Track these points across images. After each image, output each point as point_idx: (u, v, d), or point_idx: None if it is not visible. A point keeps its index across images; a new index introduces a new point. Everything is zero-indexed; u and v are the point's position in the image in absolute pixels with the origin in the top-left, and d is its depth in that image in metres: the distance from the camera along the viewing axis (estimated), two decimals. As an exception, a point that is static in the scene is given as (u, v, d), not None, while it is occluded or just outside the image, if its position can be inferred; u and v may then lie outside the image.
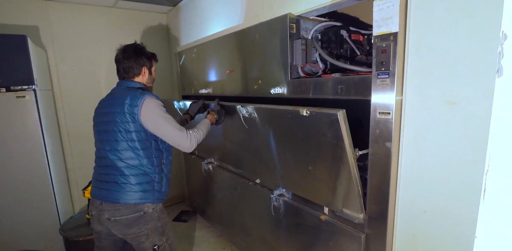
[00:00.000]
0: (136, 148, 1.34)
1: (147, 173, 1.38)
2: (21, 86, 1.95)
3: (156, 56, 1.59)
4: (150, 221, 1.39)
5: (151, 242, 1.40)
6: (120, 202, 1.33)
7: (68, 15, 2.61)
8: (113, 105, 1.36)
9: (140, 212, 1.36)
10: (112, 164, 1.36)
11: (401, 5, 1.02)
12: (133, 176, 1.35)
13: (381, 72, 1.09)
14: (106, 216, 1.35)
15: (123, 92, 1.38)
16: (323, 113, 1.12)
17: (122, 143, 1.34)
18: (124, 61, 1.45)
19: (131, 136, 1.33)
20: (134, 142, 1.34)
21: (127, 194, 1.34)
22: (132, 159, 1.35)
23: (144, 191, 1.37)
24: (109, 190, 1.35)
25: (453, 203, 0.97)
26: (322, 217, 1.41)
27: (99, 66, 2.82)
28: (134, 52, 1.46)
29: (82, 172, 2.76)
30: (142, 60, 1.47)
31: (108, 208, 1.35)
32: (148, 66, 1.50)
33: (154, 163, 1.40)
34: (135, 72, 1.47)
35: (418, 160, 1.06)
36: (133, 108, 1.30)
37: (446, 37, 0.93)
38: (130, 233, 1.37)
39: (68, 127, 2.72)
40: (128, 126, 1.32)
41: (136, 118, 1.30)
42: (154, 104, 1.33)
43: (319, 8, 1.41)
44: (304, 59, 1.53)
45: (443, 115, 0.96)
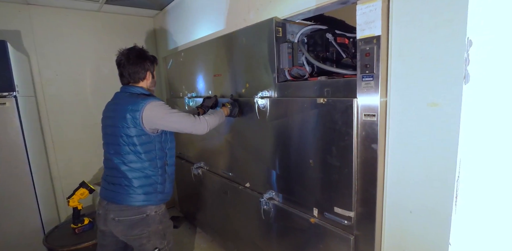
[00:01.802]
0: (138, 152, 1.36)
1: (150, 176, 1.40)
2: (0, 92, 1.89)
3: (157, 58, 1.58)
4: (152, 224, 1.41)
5: (152, 245, 1.42)
6: (124, 203, 1.37)
7: (52, 19, 2.55)
8: (116, 110, 1.39)
9: (143, 214, 1.39)
10: (116, 167, 1.39)
11: (383, 9, 1.04)
12: (135, 179, 1.37)
13: (365, 75, 1.10)
14: (112, 216, 1.38)
15: (126, 98, 1.40)
16: (339, 100, 1.19)
17: (124, 147, 1.36)
18: (128, 66, 1.43)
19: (132, 140, 1.35)
20: (135, 146, 1.36)
21: (131, 196, 1.37)
22: (134, 163, 1.37)
23: (147, 193, 1.39)
24: (114, 191, 1.39)
25: (437, 204, 0.99)
26: (311, 219, 1.41)
27: (84, 71, 2.77)
28: (138, 56, 1.45)
29: (68, 180, 2.69)
30: (146, 65, 1.46)
31: (114, 208, 1.38)
32: (151, 70, 1.51)
33: (157, 165, 1.42)
34: (141, 77, 1.46)
35: (404, 161, 1.07)
36: (134, 113, 1.32)
37: (426, 41, 0.95)
38: (132, 235, 1.39)
39: (52, 134, 2.64)
40: (129, 131, 1.34)
41: (138, 122, 1.32)
42: (156, 106, 1.35)
43: (305, 11, 1.43)
44: (291, 63, 1.54)
45: (426, 116, 0.98)
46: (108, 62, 2.87)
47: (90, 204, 2.73)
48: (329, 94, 1.29)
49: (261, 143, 1.68)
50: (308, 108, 1.33)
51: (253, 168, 1.79)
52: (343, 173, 1.22)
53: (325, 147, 1.28)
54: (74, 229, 2.00)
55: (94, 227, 2.07)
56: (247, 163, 1.84)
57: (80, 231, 2.01)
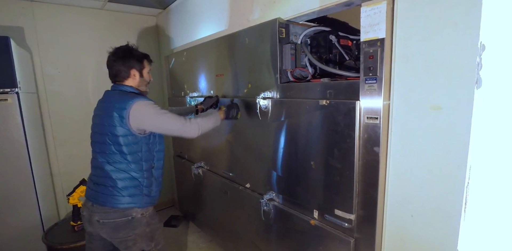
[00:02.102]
0: (123, 152, 1.32)
1: (135, 178, 1.35)
2: (3, 88, 1.89)
3: (149, 57, 1.52)
4: (138, 227, 1.37)
5: (139, 248, 1.39)
6: (108, 205, 1.32)
7: (55, 16, 2.55)
8: (103, 108, 1.36)
9: (128, 217, 1.34)
10: (101, 166, 1.35)
11: (388, 11, 1.04)
12: (119, 180, 1.33)
13: (368, 77, 1.10)
14: (96, 218, 1.34)
15: (114, 95, 1.37)
16: (342, 102, 1.19)
17: (110, 146, 1.32)
18: (113, 64, 1.42)
19: (117, 140, 1.30)
20: (121, 146, 1.31)
21: (115, 198, 1.32)
22: (119, 163, 1.33)
23: (132, 195, 1.35)
24: (98, 192, 1.35)
25: (440, 208, 0.98)
26: (311, 221, 1.41)
27: (87, 69, 2.77)
28: (122, 54, 1.42)
29: (68, 177, 2.69)
30: (130, 63, 1.42)
31: (98, 210, 1.34)
32: (138, 68, 1.44)
33: (142, 168, 1.37)
34: (124, 76, 1.43)
35: (406, 164, 1.07)
36: (121, 111, 1.28)
37: (431, 44, 0.95)
38: (117, 237, 1.36)
39: (53, 131, 2.64)
40: (114, 130, 1.29)
41: (125, 122, 1.28)
42: (145, 105, 1.30)
43: (308, 13, 1.42)
44: (294, 64, 1.54)
45: (430, 120, 0.98)
46: (110, 60, 2.87)
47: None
48: (332, 96, 1.28)
49: (262, 144, 1.68)
50: (310, 109, 1.33)
51: (254, 168, 1.79)
52: (345, 175, 1.21)
53: (327, 149, 1.28)
54: (74, 226, 2.00)
55: (94, 225, 2.07)
56: (248, 163, 1.84)
57: (80, 228, 2.01)
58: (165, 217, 3.06)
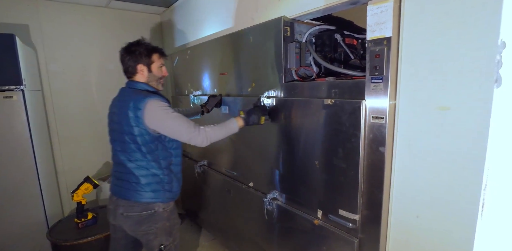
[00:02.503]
0: (142, 151, 1.35)
1: (156, 175, 1.39)
2: (8, 86, 1.90)
3: (161, 50, 1.47)
4: (159, 220, 1.41)
5: (159, 241, 1.43)
6: (132, 199, 1.37)
7: (59, 14, 2.56)
8: (120, 107, 1.36)
9: (151, 210, 1.38)
10: (123, 163, 1.38)
11: (395, 10, 1.02)
12: (142, 177, 1.37)
13: (374, 77, 1.09)
14: (121, 211, 1.39)
15: (128, 94, 1.37)
16: (347, 101, 1.17)
17: (130, 145, 1.34)
18: (123, 60, 1.42)
19: (135, 139, 1.33)
20: (139, 146, 1.34)
21: (139, 193, 1.37)
22: (140, 161, 1.36)
23: (154, 191, 1.39)
24: (123, 187, 1.39)
25: (446, 209, 0.97)
26: (315, 221, 1.40)
27: (91, 66, 2.78)
28: (130, 49, 1.40)
29: (73, 174, 2.71)
30: (137, 58, 1.39)
31: (123, 203, 1.39)
32: (145, 63, 1.40)
33: (161, 165, 1.40)
34: (132, 71, 1.41)
35: (412, 165, 1.05)
36: (136, 112, 1.28)
37: (439, 43, 0.93)
38: (140, 230, 1.40)
39: (58, 129, 2.66)
40: (132, 130, 1.31)
41: (141, 121, 1.29)
42: (157, 106, 1.29)
43: (313, 11, 1.41)
44: (298, 63, 1.53)
45: (437, 120, 0.96)
46: (114, 58, 2.85)
47: (93, 199, 2.75)
48: (337, 95, 1.27)
49: (266, 143, 1.67)
50: (315, 108, 1.32)
51: (257, 167, 1.79)
52: (349, 175, 1.21)
53: (331, 148, 1.27)
54: (78, 223, 2.02)
55: (98, 222, 2.08)
56: (251, 162, 1.84)
57: (84, 225, 2.02)
58: (168, 215, 3.06)
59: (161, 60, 1.47)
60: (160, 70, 1.46)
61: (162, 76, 1.48)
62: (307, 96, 1.41)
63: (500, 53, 0.37)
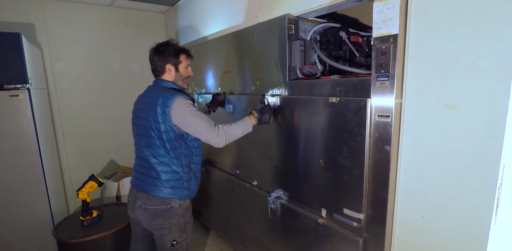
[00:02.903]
0: (166, 147, 1.38)
1: (176, 172, 1.42)
2: (14, 84, 1.92)
3: (188, 51, 1.53)
4: (174, 216, 1.44)
5: (172, 237, 1.46)
6: (151, 193, 1.41)
7: (65, 13, 2.58)
8: (148, 103, 1.40)
9: (167, 205, 1.42)
10: (146, 158, 1.42)
11: (401, 6, 1.01)
12: (163, 173, 1.40)
13: (380, 75, 1.08)
14: (139, 203, 1.43)
15: (156, 92, 1.41)
16: (353, 100, 1.16)
17: (155, 141, 1.39)
18: (152, 60, 1.48)
19: (161, 135, 1.37)
20: (164, 142, 1.38)
21: (158, 188, 1.41)
22: (163, 157, 1.40)
23: (173, 187, 1.42)
24: (143, 181, 1.44)
25: (452, 209, 0.96)
26: (319, 220, 1.39)
27: (95, 65, 2.80)
28: (159, 49, 1.46)
29: (78, 172, 2.73)
30: (165, 57, 1.45)
31: (142, 196, 1.43)
32: (173, 63, 1.46)
33: (183, 163, 1.43)
34: (160, 70, 1.47)
35: (418, 164, 1.04)
36: (164, 109, 1.33)
37: (446, 40, 0.92)
38: (155, 224, 1.44)
39: (63, 127, 2.68)
40: (159, 126, 1.35)
41: (168, 118, 1.33)
42: (183, 104, 1.34)
43: (318, 9, 1.40)
44: (303, 61, 1.52)
45: (443, 119, 0.95)
46: (118, 57, 2.89)
47: (98, 197, 2.77)
48: (342, 94, 1.26)
49: (270, 141, 1.67)
50: (320, 107, 1.31)
51: (261, 166, 1.78)
52: (354, 174, 1.20)
53: (336, 147, 1.26)
54: (83, 221, 2.03)
55: (102, 220, 2.09)
56: (255, 161, 1.84)
57: (89, 223, 2.04)
58: (172, 213, 3.08)
59: (188, 61, 1.53)
60: (186, 70, 1.52)
61: (188, 76, 1.54)
62: (311, 95, 1.40)
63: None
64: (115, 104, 2.94)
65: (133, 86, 3.00)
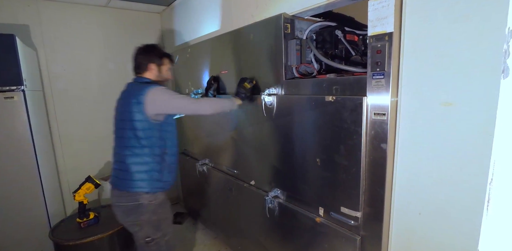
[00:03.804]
0: (138, 136, 1.41)
1: (147, 162, 1.43)
2: (9, 86, 1.90)
3: (171, 57, 1.64)
4: (145, 213, 1.45)
5: (144, 234, 1.47)
6: (120, 189, 1.44)
7: (60, 14, 2.56)
8: (124, 96, 1.48)
9: (136, 202, 1.43)
10: (119, 151, 1.46)
11: (396, 5, 1.01)
12: (132, 164, 1.42)
13: (376, 73, 1.08)
14: (114, 201, 1.47)
15: (134, 85, 1.49)
16: (349, 98, 1.17)
17: (127, 131, 1.42)
18: (135, 57, 1.55)
19: (135, 125, 1.40)
20: (136, 131, 1.40)
21: (127, 182, 1.42)
22: (134, 148, 1.42)
23: (142, 180, 1.43)
24: (117, 177, 1.47)
25: (449, 206, 0.96)
26: (317, 219, 1.39)
27: (92, 66, 2.78)
28: (145, 49, 1.55)
29: (74, 174, 2.71)
30: (150, 57, 1.53)
31: (115, 193, 1.47)
32: (156, 63, 1.55)
33: (154, 152, 1.44)
34: (143, 68, 1.54)
35: (414, 161, 1.04)
36: (139, 97, 1.38)
37: (441, 38, 0.92)
38: (127, 221, 1.47)
39: (59, 129, 2.66)
40: (133, 116, 1.39)
41: (142, 106, 1.37)
42: (161, 90, 1.42)
43: (314, 8, 1.40)
44: (299, 60, 1.52)
45: (439, 116, 0.95)
46: (115, 58, 2.87)
47: (95, 198, 2.75)
48: (338, 92, 1.26)
49: (267, 141, 1.66)
50: (316, 106, 1.31)
51: (259, 166, 1.78)
52: (351, 172, 1.20)
53: (332, 145, 1.26)
54: (80, 223, 2.02)
55: (100, 222, 2.08)
56: (253, 160, 1.83)
57: (86, 225, 2.02)
58: (170, 214, 3.07)
59: (170, 65, 1.63)
60: (167, 73, 1.61)
61: (167, 78, 1.63)
62: (308, 93, 1.40)
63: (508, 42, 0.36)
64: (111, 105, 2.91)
65: (129, 87, 3.00)
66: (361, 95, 1.12)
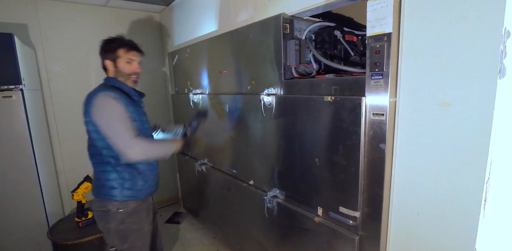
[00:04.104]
0: (98, 146, 1.34)
1: (114, 171, 1.35)
2: (7, 85, 1.89)
3: (129, 44, 1.40)
4: (112, 221, 1.37)
5: (111, 243, 1.41)
6: (94, 195, 1.41)
7: (58, 13, 2.55)
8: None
9: (104, 208, 1.37)
10: (89, 159, 1.42)
11: (395, 5, 1.01)
12: (100, 172, 1.37)
13: (375, 73, 1.08)
14: (91, 206, 1.46)
15: (95, 90, 1.37)
16: (347, 98, 1.17)
17: (89, 140, 1.38)
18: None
19: (91, 135, 1.34)
20: (95, 141, 1.33)
21: (98, 189, 1.39)
22: (98, 156, 1.36)
23: (112, 187, 1.35)
24: (93, 184, 1.45)
25: (447, 206, 0.97)
26: (316, 219, 1.40)
27: (90, 66, 2.77)
28: (100, 47, 1.41)
29: (73, 174, 2.70)
30: (103, 54, 1.40)
31: (94, 200, 1.44)
32: (110, 59, 1.38)
33: (119, 162, 1.32)
34: (104, 67, 1.43)
35: (412, 161, 1.05)
36: (87, 106, 1.30)
37: (440, 38, 0.92)
38: (99, 226, 1.42)
39: (58, 128, 2.65)
40: (88, 124, 1.33)
41: (91, 116, 1.28)
42: (105, 101, 1.24)
43: (313, 8, 1.40)
44: (298, 60, 1.52)
45: (438, 116, 0.96)
46: (113, 57, 2.87)
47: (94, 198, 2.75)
48: (337, 92, 1.27)
49: (266, 141, 1.67)
50: (315, 106, 1.31)
51: (257, 165, 1.78)
52: (350, 172, 1.20)
53: (331, 145, 1.26)
54: (78, 222, 2.02)
55: (98, 222, 2.08)
56: (251, 160, 1.84)
57: (84, 224, 2.02)
58: (168, 214, 3.07)
59: (130, 55, 1.39)
60: (128, 65, 1.39)
61: (131, 72, 1.41)
62: (307, 94, 1.41)
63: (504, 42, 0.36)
64: (110, 105, 2.92)
65: (128, 87, 2.99)
66: (360, 95, 1.13)
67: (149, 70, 3.09)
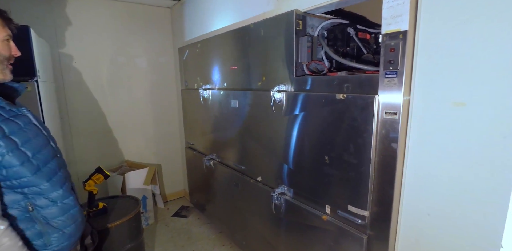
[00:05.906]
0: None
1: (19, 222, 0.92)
2: (23, 77, 1.93)
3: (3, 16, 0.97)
4: None
5: None
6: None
7: (72, 7, 2.59)
8: None
9: None
10: None
11: (412, 2, 1.00)
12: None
13: (389, 71, 1.07)
14: None
15: None
16: (360, 96, 1.15)
17: None
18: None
19: None
20: None
21: None
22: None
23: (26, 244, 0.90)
24: None
25: (459, 207, 0.95)
26: (323, 217, 1.40)
27: (102, 59, 2.81)
28: None
29: (84, 165, 2.76)
30: None
31: None
32: None
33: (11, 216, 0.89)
34: None
35: (425, 162, 1.04)
36: None
37: (456, 36, 0.90)
38: None
39: (70, 120, 2.71)
40: None
41: None
42: None
43: (326, 5, 1.38)
44: (310, 57, 1.51)
45: (452, 116, 0.94)
46: (124, 51, 2.90)
47: (104, 189, 2.80)
48: (349, 90, 1.25)
49: (275, 137, 1.67)
50: (326, 103, 1.30)
51: (266, 162, 1.79)
52: (360, 171, 1.19)
53: (342, 144, 1.26)
54: (89, 212, 2.06)
55: (108, 212, 2.12)
56: (260, 157, 1.84)
57: (94, 215, 2.06)
58: (175, 208, 3.12)
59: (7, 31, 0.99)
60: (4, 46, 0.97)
61: (9, 55, 1.01)
62: (318, 91, 1.40)
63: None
64: (121, 99, 2.96)
65: (139, 81, 3.02)
66: (373, 94, 1.12)
67: (160, 64, 3.12)
